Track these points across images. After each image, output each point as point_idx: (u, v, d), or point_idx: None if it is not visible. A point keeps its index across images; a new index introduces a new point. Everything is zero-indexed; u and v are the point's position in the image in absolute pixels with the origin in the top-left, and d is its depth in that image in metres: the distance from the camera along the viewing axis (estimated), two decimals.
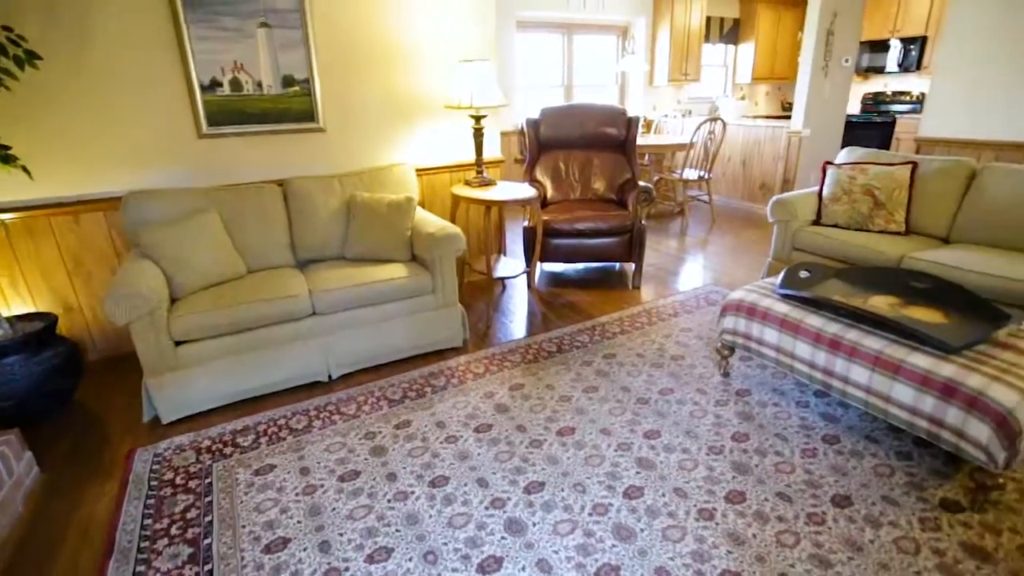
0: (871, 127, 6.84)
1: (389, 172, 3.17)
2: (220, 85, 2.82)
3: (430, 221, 2.85)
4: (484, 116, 3.25)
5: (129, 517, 1.83)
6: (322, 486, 1.94)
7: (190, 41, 2.68)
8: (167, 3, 2.62)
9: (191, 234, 2.50)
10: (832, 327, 2.03)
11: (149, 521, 1.81)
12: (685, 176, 5.39)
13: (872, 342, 1.91)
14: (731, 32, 7.36)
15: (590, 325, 3.18)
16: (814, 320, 2.08)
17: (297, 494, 1.91)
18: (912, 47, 6.55)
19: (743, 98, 7.83)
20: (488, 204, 3.08)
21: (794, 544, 1.65)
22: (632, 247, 3.66)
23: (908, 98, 6.91)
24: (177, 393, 2.30)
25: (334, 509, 1.83)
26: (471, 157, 3.65)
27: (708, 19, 7.00)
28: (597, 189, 4.08)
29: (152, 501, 1.90)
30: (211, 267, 2.52)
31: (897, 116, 6.72)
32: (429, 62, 3.39)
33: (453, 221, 3.36)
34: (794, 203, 3.29)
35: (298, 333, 2.50)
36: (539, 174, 4.10)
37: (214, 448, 2.17)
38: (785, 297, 2.25)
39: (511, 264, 3.61)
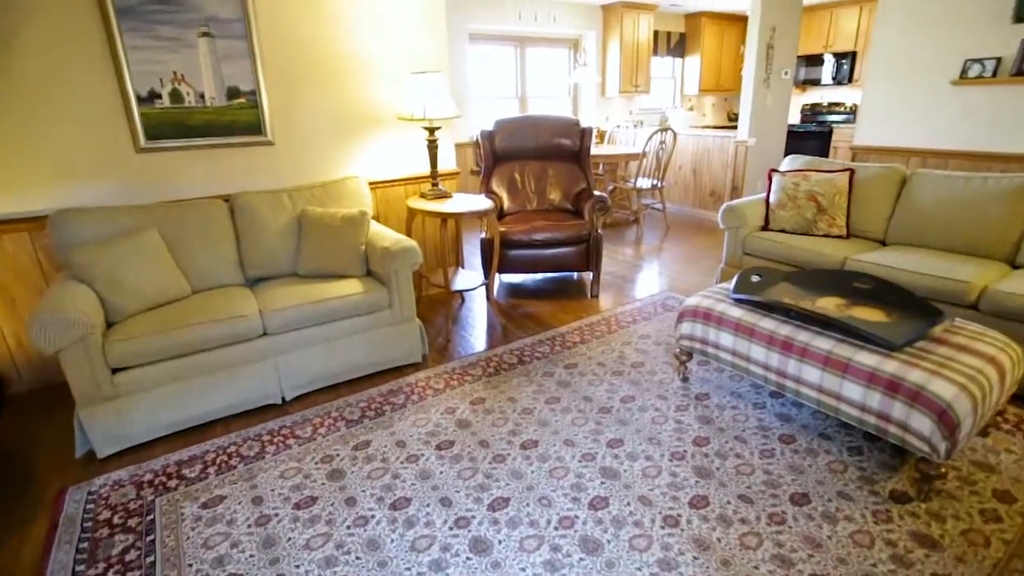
0: (810, 136, 7.18)
1: (342, 186, 3.09)
2: (159, 97, 2.69)
3: (385, 235, 2.79)
4: (438, 128, 3.22)
5: (58, 564, 1.69)
6: (276, 515, 1.84)
7: (124, 50, 2.55)
8: (97, 9, 2.48)
9: (128, 253, 2.36)
10: (784, 329, 2.09)
11: (82, 567, 1.67)
12: (639, 185, 5.50)
13: (822, 342, 1.97)
14: (678, 45, 7.61)
15: (550, 335, 3.17)
16: (767, 323, 2.14)
17: (249, 526, 1.80)
18: (844, 61, 6.93)
19: (691, 109, 8.10)
20: (444, 217, 3.05)
21: (757, 546, 1.67)
22: (589, 256, 3.69)
23: (842, 109, 7.29)
24: (114, 424, 2.14)
25: (289, 539, 1.74)
26: (426, 169, 3.61)
27: (656, 33, 7.22)
28: (553, 199, 4.11)
29: (86, 544, 1.76)
30: (151, 288, 2.38)
31: (833, 126, 7.08)
32: (382, 74, 3.34)
33: (409, 234, 3.30)
34: (743, 210, 3.40)
35: (248, 355, 2.39)
36: (495, 185, 4.10)
37: (157, 481, 2.03)
38: (739, 302, 2.30)
39: (469, 276, 3.58)
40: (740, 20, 7.66)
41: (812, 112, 7.60)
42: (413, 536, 1.74)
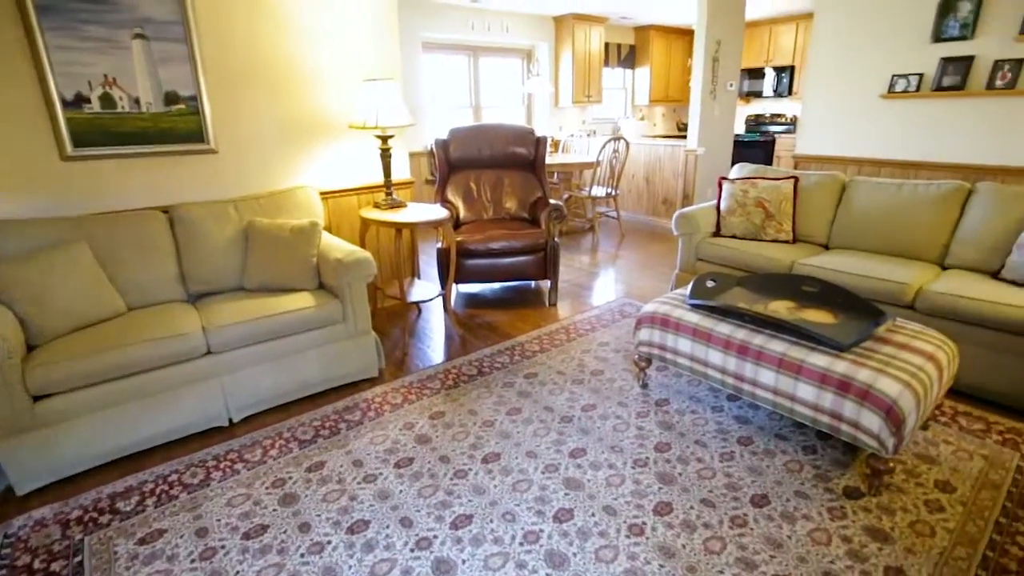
0: (755, 145, 7.47)
1: (291, 196, 2.98)
2: (87, 101, 2.51)
3: (337, 246, 2.70)
4: (391, 136, 3.15)
5: None
6: (223, 547, 1.72)
7: (47, 51, 2.37)
8: (14, 6, 2.30)
9: (52, 270, 2.18)
10: (740, 333, 2.12)
11: None
12: (593, 193, 5.57)
13: (776, 345, 2.02)
14: (628, 57, 7.79)
15: (509, 345, 3.14)
16: (723, 328, 2.17)
17: (193, 560, 1.68)
18: (783, 75, 7.26)
19: (643, 119, 8.30)
20: (399, 227, 2.98)
21: (721, 550, 1.67)
22: (547, 264, 3.69)
23: (783, 119, 7.64)
24: (36, 457, 1.96)
25: (238, 573, 1.63)
26: (379, 179, 3.54)
27: (607, 45, 7.37)
28: (509, 208, 4.09)
29: None
30: (80, 306, 2.21)
31: (776, 135, 7.40)
32: (333, 81, 3.25)
33: (363, 245, 3.21)
34: (696, 217, 3.47)
35: (191, 375, 2.25)
36: (450, 195, 4.05)
37: (86, 519, 1.87)
38: (695, 307, 2.33)
39: (425, 287, 3.51)
40: (687, 34, 7.93)
41: (756, 122, 7.92)
42: (372, 561, 1.66)
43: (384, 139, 3.13)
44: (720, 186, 3.60)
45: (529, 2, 6.01)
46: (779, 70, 7.30)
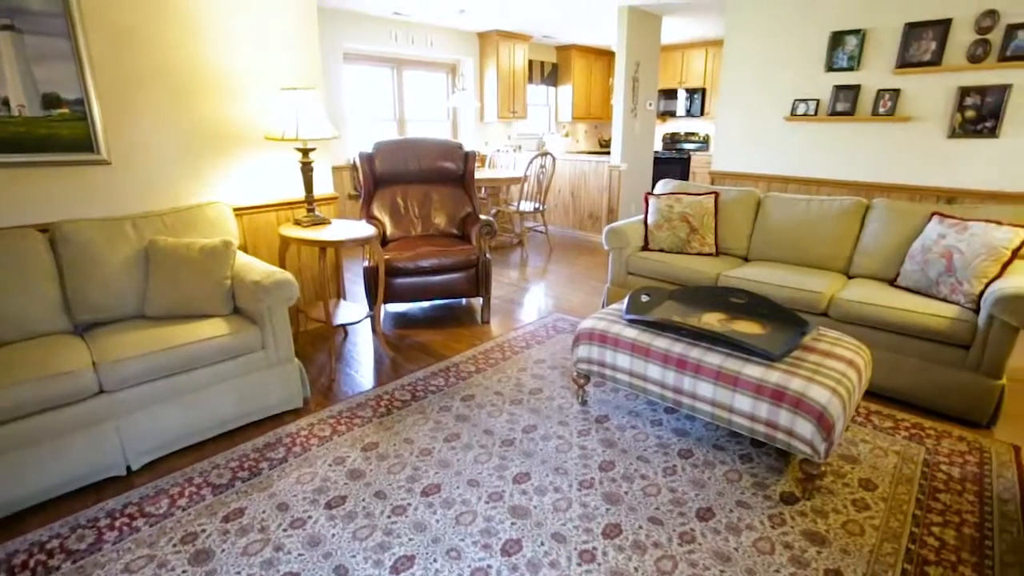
0: (672, 162, 7.84)
1: (200, 213, 2.71)
2: None
3: (255, 267, 2.47)
4: (312, 149, 2.96)
5: None
6: None
7: None
8: None
9: None
10: (677, 347, 2.15)
11: None
12: (521, 208, 5.58)
13: (712, 358, 2.05)
14: (551, 75, 7.95)
15: (444, 366, 3.02)
16: (661, 342, 2.19)
17: None
18: (696, 96, 7.70)
19: (567, 135, 8.48)
20: (323, 245, 2.79)
21: (672, 569, 1.65)
22: (479, 281, 3.61)
23: (697, 138, 8.08)
24: None
25: None
26: (300, 194, 3.32)
27: (531, 62, 7.48)
28: (438, 224, 3.99)
29: None
30: None
31: (691, 153, 7.80)
32: (249, 89, 3.02)
33: (283, 266, 2.98)
34: (625, 231, 3.54)
35: (79, 419, 1.95)
36: (376, 211, 3.89)
37: None
38: (632, 322, 2.34)
39: (352, 308, 3.32)
40: (606, 54, 8.22)
41: (672, 140, 8.32)
42: None
43: (305, 152, 2.94)
44: (647, 202, 3.69)
45: (453, 17, 5.98)
46: (691, 91, 7.73)
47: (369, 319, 3.45)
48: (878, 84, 4.21)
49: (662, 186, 3.92)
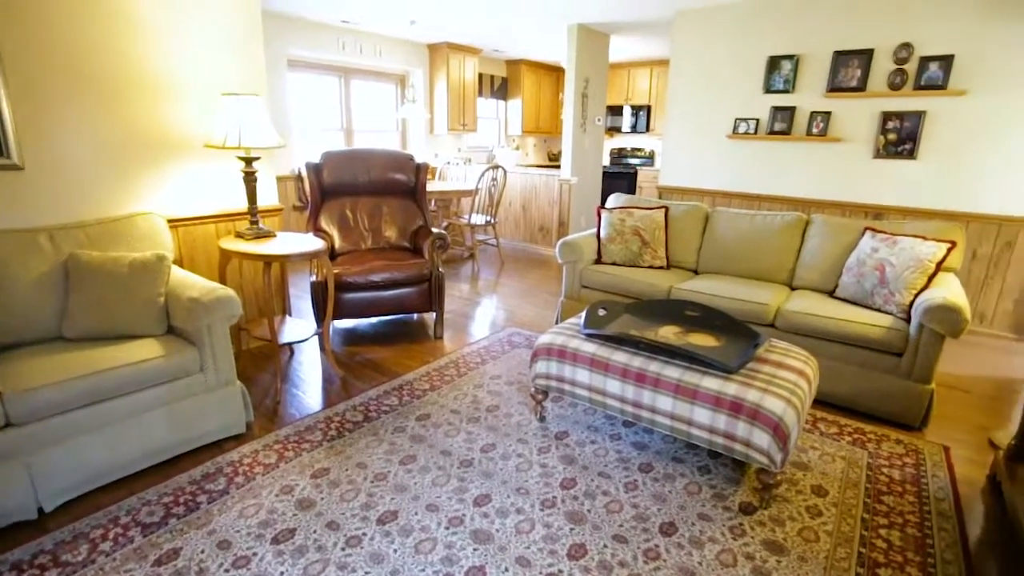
0: (620, 176, 8.02)
1: (131, 224, 2.51)
2: None
3: (193, 283, 2.30)
4: (256, 159, 2.82)
5: None
6: None
7: None
8: None
9: None
10: (636, 361, 2.15)
11: None
12: (473, 221, 5.53)
13: (671, 371, 2.07)
14: (501, 88, 8.00)
15: (397, 384, 2.92)
16: (620, 356, 2.19)
17: None
18: (641, 113, 7.93)
19: (517, 148, 8.53)
20: (267, 259, 2.64)
21: None
22: (431, 296, 3.53)
23: (643, 153, 8.32)
24: None
25: None
26: (243, 205, 3.15)
27: (481, 75, 7.49)
28: (389, 237, 3.88)
29: None
30: None
31: (637, 168, 8.01)
32: (188, 93, 2.84)
33: (223, 281, 2.81)
34: (579, 245, 3.55)
35: None
36: (324, 223, 3.74)
37: None
38: (591, 337, 2.33)
39: (299, 325, 3.16)
40: (555, 70, 8.36)
41: (619, 155, 8.53)
42: None
43: (248, 161, 2.78)
44: (599, 215, 3.73)
45: (403, 28, 5.91)
46: (637, 108, 7.96)
47: (317, 337, 3.30)
48: (811, 106, 4.46)
49: (613, 200, 3.98)
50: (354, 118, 6.51)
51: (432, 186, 5.69)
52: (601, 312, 2.54)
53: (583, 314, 2.51)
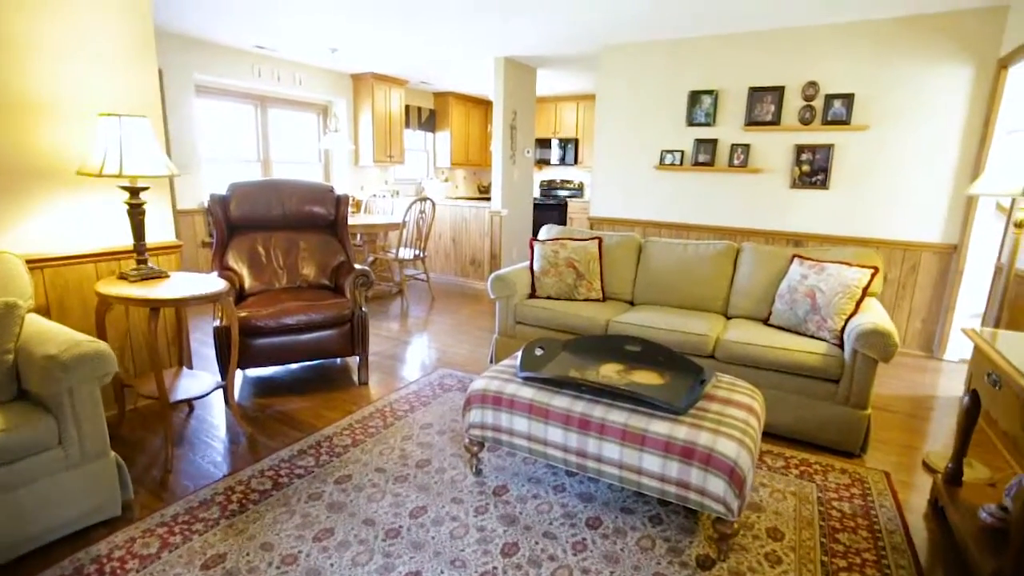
0: (550, 208, 8.04)
1: None
2: None
3: (53, 336, 1.90)
4: (144, 189, 2.46)
5: None
6: None
7: None
8: None
9: None
10: (579, 406, 1.97)
11: None
12: (401, 255, 5.27)
13: (617, 416, 1.90)
14: (429, 120, 7.86)
15: (314, 441, 2.58)
16: (560, 401, 2.00)
17: None
18: (569, 145, 8.04)
19: (447, 180, 8.38)
20: (154, 305, 2.27)
21: None
22: (354, 338, 3.22)
23: (572, 185, 8.40)
24: None
25: None
26: (130, 242, 2.75)
27: (408, 107, 7.33)
28: (307, 275, 3.55)
29: None
30: None
31: (567, 199, 8.06)
32: (61, 116, 2.46)
33: (101, 332, 2.40)
34: (512, 279, 3.39)
35: None
36: (232, 261, 3.37)
37: None
38: (528, 380, 2.13)
39: (198, 379, 2.75)
40: (483, 103, 8.35)
41: (548, 187, 8.58)
42: None
43: (134, 191, 2.42)
44: (532, 248, 3.60)
45: (324, 56, 5.67)
46: (565, 141, 8.07)
47: (221, 390, 2.89)
48: (732, 139, 4.61)
49: (546, 231, 3.87)
50: (272, 148, 6.13)
51: (357, 219, 5.39)
52: (538, 352, 2.36)
53: (519, 355, 2.32)
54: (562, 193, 8.40)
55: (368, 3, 3.97)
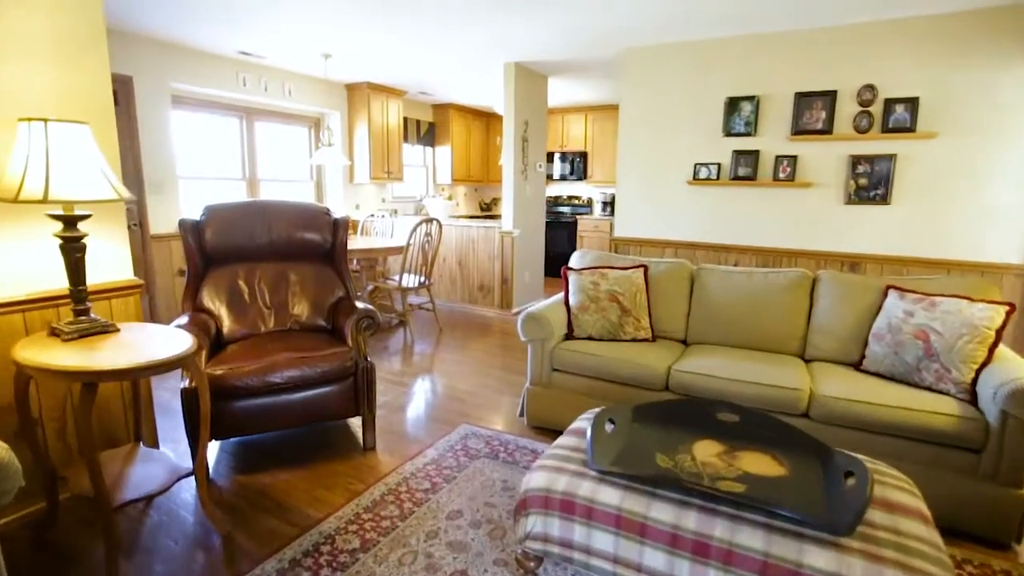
0: (561, 226, 7.51)
1: None
2: None
3: None
4: (86, 216, 1.88)
5: None
6: None
7: None
8: None
9: None
10: (689, 520, 1.39)
11: None
12: (404, 283, 4.68)
13: (748, 539, 1.33)
14: (428, 134, 7.34)
15: (310, 544, 1.97)
16: (662, 512, 1.42)
17: None
18: (578, 160, 7.54)
19: (450, 197, 7.83)
20: (87, 379, 1.66)
21: None
22: (358, 395, 2.63)
23: (580, 201, 7.89)
24: None
25: None
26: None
27: (406, 120, 6.81)
28: (299, 315, 2.96)
29: None
30: None
31: (576, 217, 7.54)
32: None
33: (24, 407, 1.79)
34: (547, 317, 2.81)
35: None
36: (208, 299, 2.78)
37: None
38: (605, 476, 1.56)
39: (158, 461, 2.14)
40: (485, 115, 7.85)
41: (555, 204, 8.05)
42: None
43: (68, 221, 1.84)
44: (566, 278, 3.04)
45: (317, 63, 5.12)
46: (573, 155, 7.57)
47: (190, 475, 2.27)
48: (776, 150, 4.11)
49: (579, 258, 3.32)
50: (259, 165, 5.55)
51: (355, 243, 4.81)
52: (609, 427, 1.78)
53: (583, 428, 1.74)
54: (565, 210, 7.87)
55: (367, 1, 3.44)
